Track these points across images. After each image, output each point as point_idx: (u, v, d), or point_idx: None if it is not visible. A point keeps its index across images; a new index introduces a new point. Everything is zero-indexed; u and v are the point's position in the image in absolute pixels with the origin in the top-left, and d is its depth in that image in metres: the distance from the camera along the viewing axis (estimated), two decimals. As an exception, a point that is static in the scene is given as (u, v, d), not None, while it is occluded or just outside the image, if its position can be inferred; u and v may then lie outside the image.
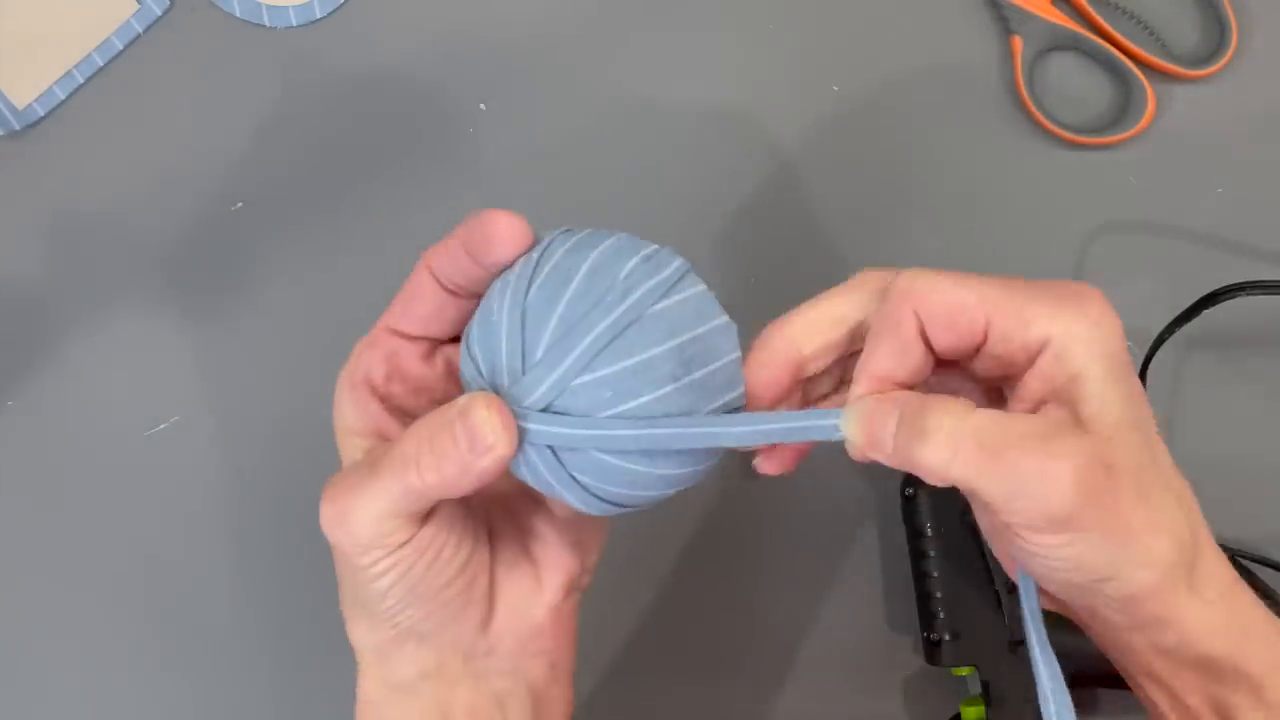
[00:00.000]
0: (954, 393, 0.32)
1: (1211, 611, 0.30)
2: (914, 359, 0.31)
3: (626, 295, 0.31)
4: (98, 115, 0.55)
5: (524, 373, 0.31)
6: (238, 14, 0.55)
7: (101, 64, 0.54)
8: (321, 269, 0.54)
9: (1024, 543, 0.30)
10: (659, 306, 0.31)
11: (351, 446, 0.34)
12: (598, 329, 0.30)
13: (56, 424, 0.54)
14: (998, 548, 0.34)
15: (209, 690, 0.53)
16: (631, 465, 0.31)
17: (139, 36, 0.55)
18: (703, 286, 0.32)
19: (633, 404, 0.30)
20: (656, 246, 0.32)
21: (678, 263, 0.32)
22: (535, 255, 0.32)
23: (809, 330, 0.32)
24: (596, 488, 0.32)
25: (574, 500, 0.32)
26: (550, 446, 0.31)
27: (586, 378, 0.30)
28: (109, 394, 0.54)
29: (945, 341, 0.31)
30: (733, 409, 0.32)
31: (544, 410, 0.31)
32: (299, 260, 0.54)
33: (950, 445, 0.28)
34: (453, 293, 0.34)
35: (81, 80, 0.54)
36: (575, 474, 0.31)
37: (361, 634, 0.34)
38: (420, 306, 0.34)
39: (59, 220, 0.55)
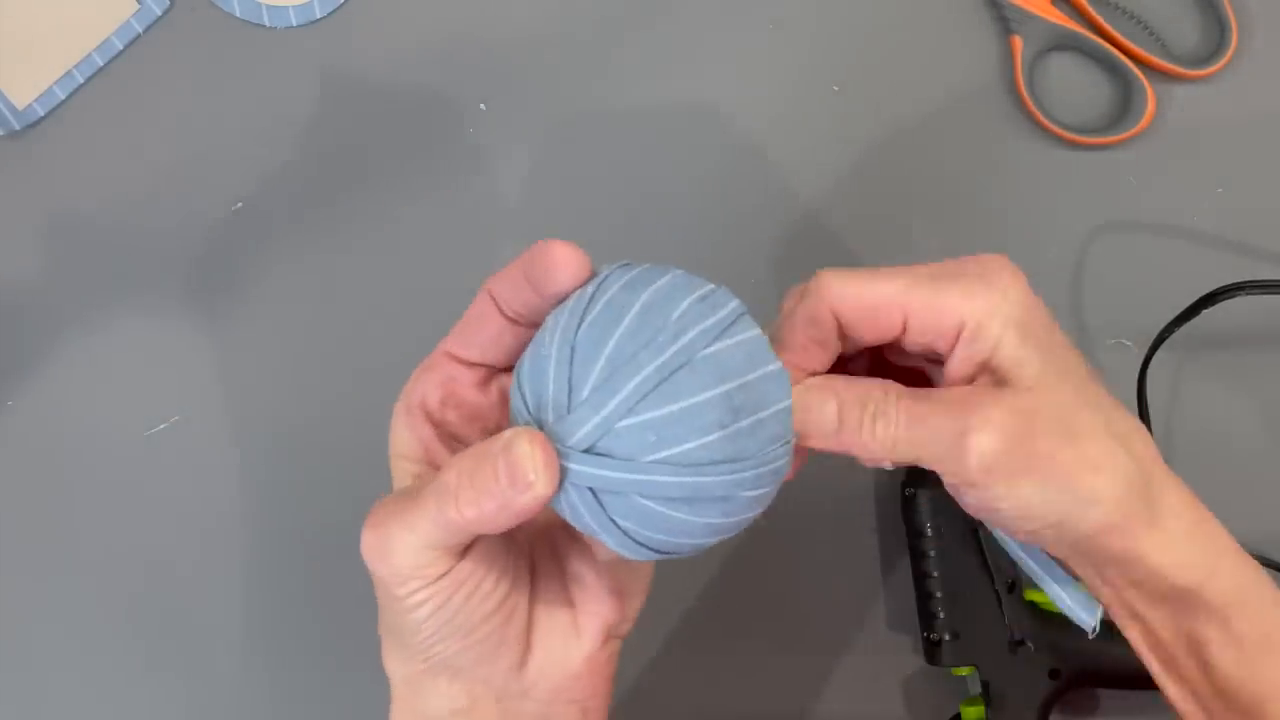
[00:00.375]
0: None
1: (1175, 544, 0.31)
2: (830, 354, 0.33)
3: (678, 337, 0.30)
4: (98, 115, 0.55)
5: (569, 410, 0.30)
6: (238, 14, 0.55)
7: (101, 64, 0.54)
8: (321, 269, 0.54)
9: (972, 500, 0.31)
10: (710, 350, 0.30)
11: (402, 471, 0.34)
12: (645, 370, 0.30)
13: (56, 424, 0.54)
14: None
15: (208, 690, 0.53)
16: (673, 512, 0.30)
17: (139, 36, 0.55)
18: (757, 331, 0.31)
19: (677, 450, 0.30)
20: (713, 286, 0.32)
21: (733, 304, 0.31)
22: (590, 289, 0.32)
23: None
24: (636, 532, 0.31)
25: (613, 544, 0.31)
26: (591, 488, 0.30)
27: (631, 420, 0.30)
28: (109, 394, 0.54)
29: (867, 336, 0.32)
30: (779, 460, 0.31)
31: (587, 451, 0.30)
32: (299, 260, 0.54)
33: (888, 426, 0.31)
34: (513, 320, 0.33)
35: (81, 80, 0.54)
36: (615, 517, 0.31)
37: (395, 663, 0.34)
38: (480, 333, 0.34)
39: (59, 220, 0.55)
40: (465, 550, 0.31)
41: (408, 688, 0.33)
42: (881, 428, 0.31)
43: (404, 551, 0.30)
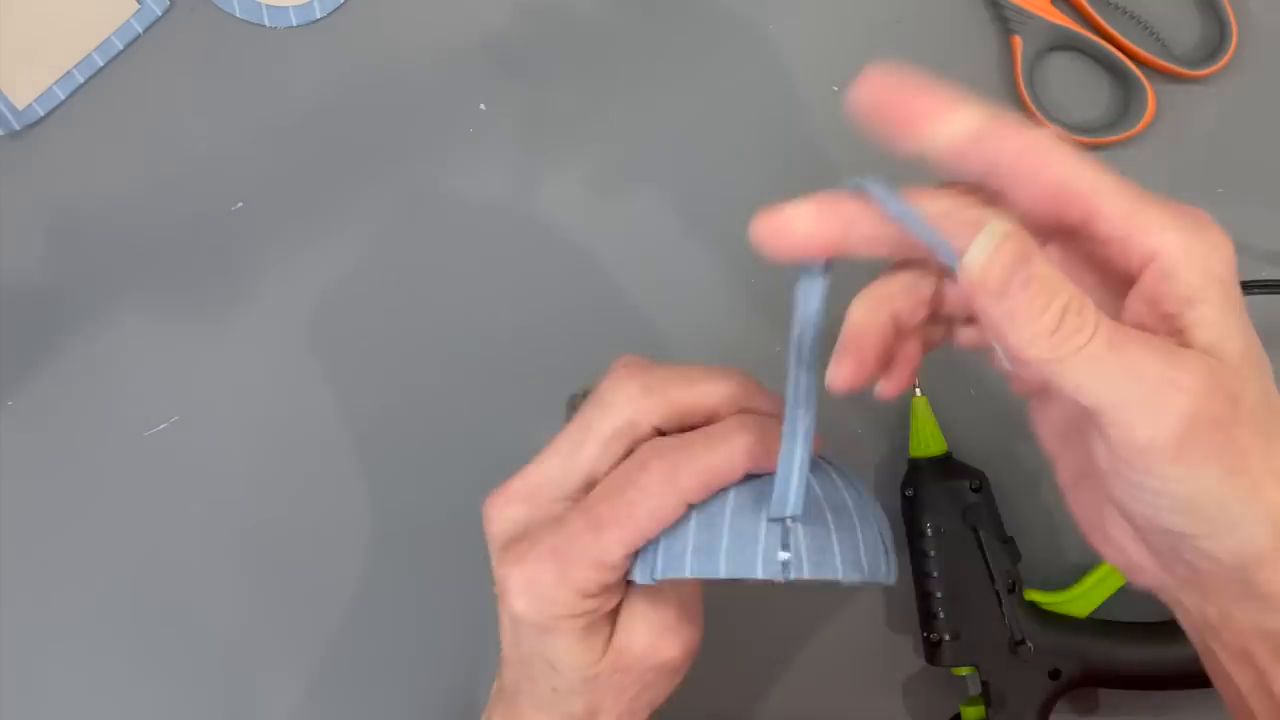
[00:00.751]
0: None
1: None
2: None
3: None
4: (98, 115, 0.55)
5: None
6: (238, 14, 0.55)
7: (101, 64, 0.54)
8: (321, 269, 0.54)
9: (1134, 471, 0.26)
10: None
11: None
12: None
13: (57, 424, 0.54)
14: (1086, 503, 0.30)
15: (209, 690, 0.53)
16: None
17: (139, 37, 0.55)
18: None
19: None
20: None
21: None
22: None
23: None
24: None
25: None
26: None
27: None
28: (109, 394, 0.54)
29: (1040, 208, 0.27)
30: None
31: None
32: (299, 260, 0.54)
33: (1084, 336, 0.24)
34: None
35: (81, 80, 0.54)
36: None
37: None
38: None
39: (59, 220, 0.55)
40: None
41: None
42: (1076, 329, 0.24)
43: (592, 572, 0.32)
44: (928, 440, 0.49)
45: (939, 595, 0.47)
